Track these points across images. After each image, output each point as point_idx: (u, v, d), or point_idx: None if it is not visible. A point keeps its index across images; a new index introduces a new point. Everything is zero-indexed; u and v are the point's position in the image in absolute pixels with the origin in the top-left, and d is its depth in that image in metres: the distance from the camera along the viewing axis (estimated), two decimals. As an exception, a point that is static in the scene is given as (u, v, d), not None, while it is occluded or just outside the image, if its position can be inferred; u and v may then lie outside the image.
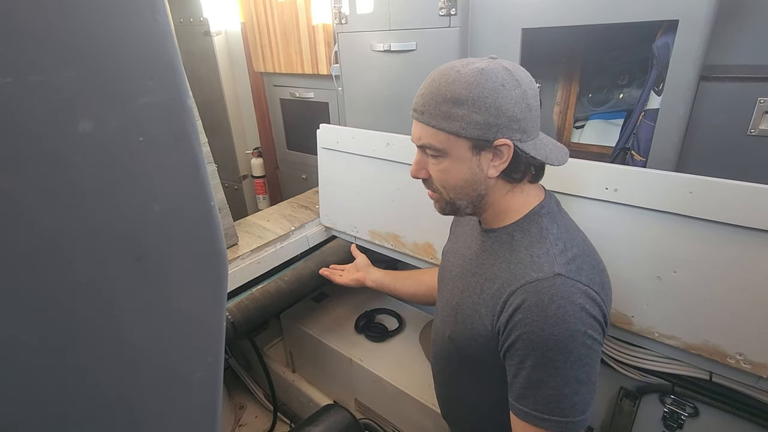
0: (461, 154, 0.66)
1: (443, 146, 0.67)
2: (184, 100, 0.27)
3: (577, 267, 0.65)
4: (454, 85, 0.63)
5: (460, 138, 0.65)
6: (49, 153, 0.23)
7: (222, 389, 0.35)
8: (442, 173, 0.69)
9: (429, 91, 0.66)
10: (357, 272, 1.23)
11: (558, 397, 0.62)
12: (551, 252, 0.66)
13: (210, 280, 0.31)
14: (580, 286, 0.62)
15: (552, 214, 0.71)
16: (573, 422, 0.62)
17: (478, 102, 0.62)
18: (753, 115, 0.95)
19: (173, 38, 0.26)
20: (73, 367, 0.26)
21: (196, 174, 0.28)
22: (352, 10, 1.41)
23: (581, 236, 0.72)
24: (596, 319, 0.62)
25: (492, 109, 0.62)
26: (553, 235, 0.68)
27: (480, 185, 0.69)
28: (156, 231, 0.28)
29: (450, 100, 0.63)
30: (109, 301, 0.26)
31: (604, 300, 0.65)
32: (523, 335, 0.63)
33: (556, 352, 0.61)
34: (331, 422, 1.07)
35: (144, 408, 0.30)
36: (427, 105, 0.66)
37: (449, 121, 0.64)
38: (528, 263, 0.66)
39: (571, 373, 0.61)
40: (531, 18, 1.10)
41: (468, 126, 0.63)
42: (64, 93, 0.23)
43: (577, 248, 0.68)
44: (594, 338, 0.62)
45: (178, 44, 1.34)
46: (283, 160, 2.27)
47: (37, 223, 0.23)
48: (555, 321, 0.60)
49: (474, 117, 0.63)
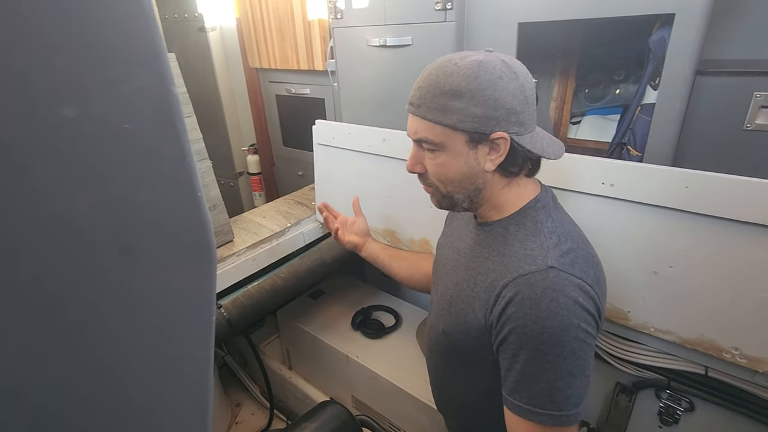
0: (458, 148, 0.66)
1: (440, 140, 0.66)
2: (170, 87, 0.26)
3: (571, 260, 0.64)
4: (452, 77, 0.62)
5: (457, 131, 0.64)
6: (29, 141, 0.22)
7: (213, 385, 0.35)
8: (439, 167, 0.69)
9: (426, 84, 0.65)
10: (355, 236, 1.16)
11: (551, 391, 0.61)
12: (545, 245, 0.65)
13: (198, 272, 0.30)
14: (573, 279, 0.62)
15: (547, 208, 0.71)
16: (566, 416, 0.62)
17: (476, 94, 0.62)
18: (749, 109, 0.95)
19: (156, 22, 0.26)
20: (54, 364, 0.26)
21: (182, 162, 0.27)
22: (347, 5, 1.40)
23: (576, 230, 0.72)
24: (590, 313, 0.62)
25: (490, 101, 0.62)
26: (548, 228, 0.68)
27: (477, 179, 0.68)
28: (142, 221, 0.27)
29: (448, 92, 0.63)
30: (92, 295, 0.26)
31: (598, 294, 0.65)
32: (516, 328, 0.62)
33: (549, 345, 0.60)
34: (327, 419, 1.06)
35: (131, 405, 0.30)
36: (423, 98, 0.65)
37: (446, 114, 0.63)
38: (521, 256, 0.66)
39: (564, 367, 0.61)
40: (527, 12, 1.10)
41: (465, 119, 0.63)
42: (45, 79, 0.22)
43: (572, 242, 0.67)
44: (587, 332, 0.61)
45: (173, 40, 1.33)
46: (279, 157, 2.26)
47: (14, 214, 0.22)
48: (548, 314, 0.60)
49: (472, 110, 0.62)
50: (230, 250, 1.39)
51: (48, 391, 0.26)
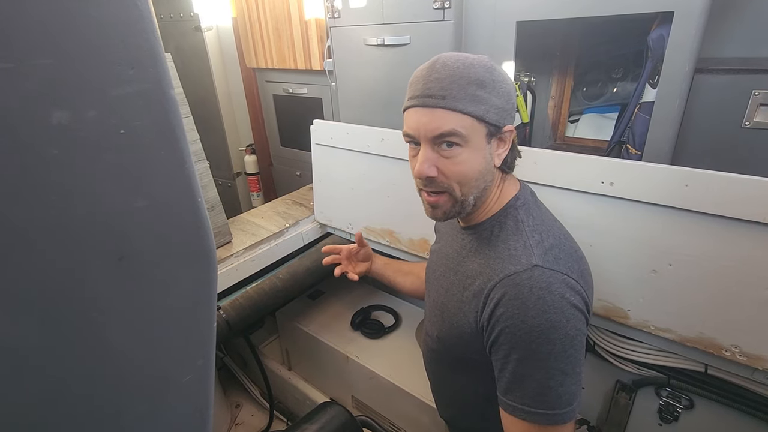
0: (479, 142, 0.64)
1: (467, 132, 0.62)
2: (167, 91, 0.25)
3: (555, 257, 0.64)
4: (475, 68, 0.61)
5: (481, 123, 0.62)
6: (21, 146, 0.21)
7: (213, 392, 0.34)
8: (459, 166, 0.64)
9: (448, 75, 0.61)
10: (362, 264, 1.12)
11: (543, 390, 0.61)
12: (528, 244, 0.65)
13: (198, 279, 0.30)
14: (558, 275, 0.62)
15: (527, 205, 0.71)
16: (560, 414, 0.61)
17: (497, 86, 0.62)
18: (747, 107, 0.95)
19: (154, 24, 0.25)
20: (52, 374, 0.25)
21: (181, 168, 0.27)
22: (344, 4, 1.39)
23: (557, 225, 0.72)
24: (577, 308, 0.61)
25: (505, 94, 0.63)
26: (529, 227, 0.67)
27: (488, 176, 0.67)
28: (140, 228, 0.26)
29: (474, 82, 0.61)
30: (90, 304, 0.25)
31: (584, 287, 0.64)
32: (506, 329, 0.62)
33: (539, 343, 0.60)
34: (327, 420, 1.06)
35: (130, 415, 0.29)
36: (448, 89, 0.61)
37: (476, 103, 0.61)
38: (506, 257, 0.65)
39: (555, 365, 0.60)
40: (526, 10, 1.09)
41: (490, 110, 0.62)
42: (38, 82, 0.21)
43: (554, 238, 0.67)
44: (576, 328, 0.61)
45: (169, 40, 1.31)
46: (276, 157, 2.25)
47: (9, 221, 0.22)
48: (536, 313, 0.59)
49: (494, 101, 0.62)
50: (228, 251, 1.38)
51: (40, 406, 0.26)
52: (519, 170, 0.78)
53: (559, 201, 0.93)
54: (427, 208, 0.71)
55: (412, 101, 0.64)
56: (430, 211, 0.70)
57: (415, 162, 0.67)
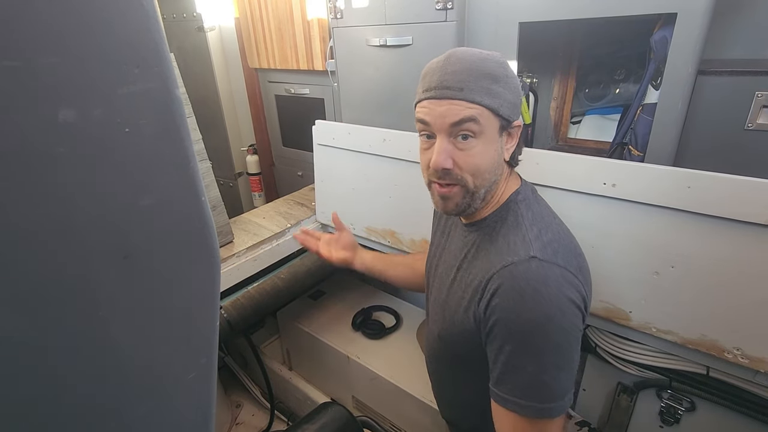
0: (492, 135, 0.65)
1: (484, 123, 0.63)
2: (172, 90, 0.26)
3: (553, 250, 0.64)
4: (488, 62, 0.63)
5: (496, 117, 0.64)
6: (28, 144, 0.22)
7: (216, 390, 0.34)
8: (474, 158, 0.64)
9: (462, 68, 0.62)
10: (343, 251, 1.10)
11: (536, 383, 0.61)
12: (527, 237, 0.65)
13: (202, 278, 0.30)
14: (556, 268, 0.61)
15: (527, 200, 0.71)
16: (551, 407, 0.61)
17: (509, 81, 0.63)
18: (750, 109, 0.94)
19: (160, 24, 0.25)
20: (57, 371, 0.25)
21: (185, 167, 0.27)
22: (347, 5, 1.39)
23: (557, 221, 0.72)
24: (574, 303, 0.61)
25: (515, 89, 0.64)
26: (529, 220, 0.68)
27: (498, 170, 0.68)
28: (144, 226, 0.26)
29: (489, 75, 0.62)
30: (94, 302, 0.25)
31: (582, 283, 0.64)
32: (500, 320, 0.62)
33: (534, 335, 0.59)
34: (328, 420, 1.06)
35: (133, 413, 0.29)
36: (465, 81, 0.61)
37: (491, 97, 0.62)
38: (504, 250, 0.66)
39: (549, 358, 0.60)
40: (528, 11, 1.09)
41: (504, 103, 0.63)
42: (44, 80, 0.22)
43: (552, 233, 0.67)
44: (572, 322, 0.61)
45: (171, 40, 1.32)
46: (278, 157, 2.25)
47: (15, 219, 0.22)
48: (532, 305, 0.59)
49: (507, 95, 0.63)
50: (230, 251, 1.38)
51: (43, 404, 0.26)
52: (521, 171, 0.78)
53: (561, 202, 0.93)
54: (438, 200, 0.70)
55: (428, 93, 0.64)
56: (441, 203, 0.70)
57: (428, 155, 0.67)
